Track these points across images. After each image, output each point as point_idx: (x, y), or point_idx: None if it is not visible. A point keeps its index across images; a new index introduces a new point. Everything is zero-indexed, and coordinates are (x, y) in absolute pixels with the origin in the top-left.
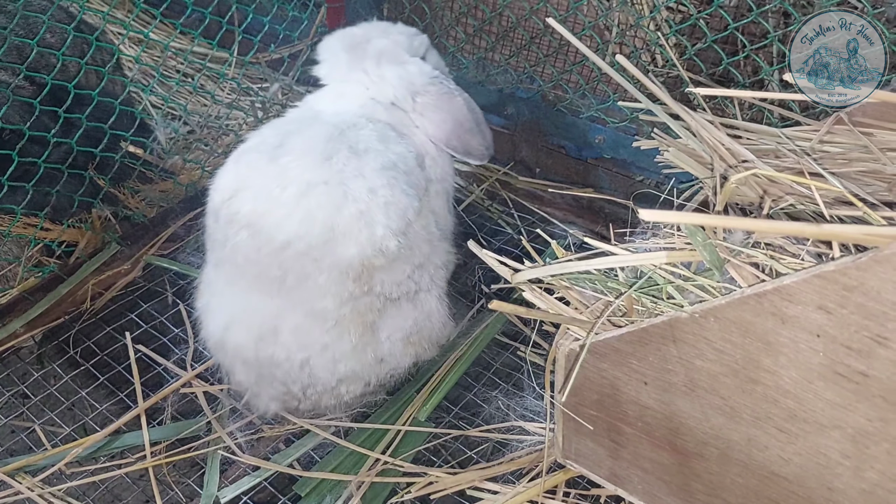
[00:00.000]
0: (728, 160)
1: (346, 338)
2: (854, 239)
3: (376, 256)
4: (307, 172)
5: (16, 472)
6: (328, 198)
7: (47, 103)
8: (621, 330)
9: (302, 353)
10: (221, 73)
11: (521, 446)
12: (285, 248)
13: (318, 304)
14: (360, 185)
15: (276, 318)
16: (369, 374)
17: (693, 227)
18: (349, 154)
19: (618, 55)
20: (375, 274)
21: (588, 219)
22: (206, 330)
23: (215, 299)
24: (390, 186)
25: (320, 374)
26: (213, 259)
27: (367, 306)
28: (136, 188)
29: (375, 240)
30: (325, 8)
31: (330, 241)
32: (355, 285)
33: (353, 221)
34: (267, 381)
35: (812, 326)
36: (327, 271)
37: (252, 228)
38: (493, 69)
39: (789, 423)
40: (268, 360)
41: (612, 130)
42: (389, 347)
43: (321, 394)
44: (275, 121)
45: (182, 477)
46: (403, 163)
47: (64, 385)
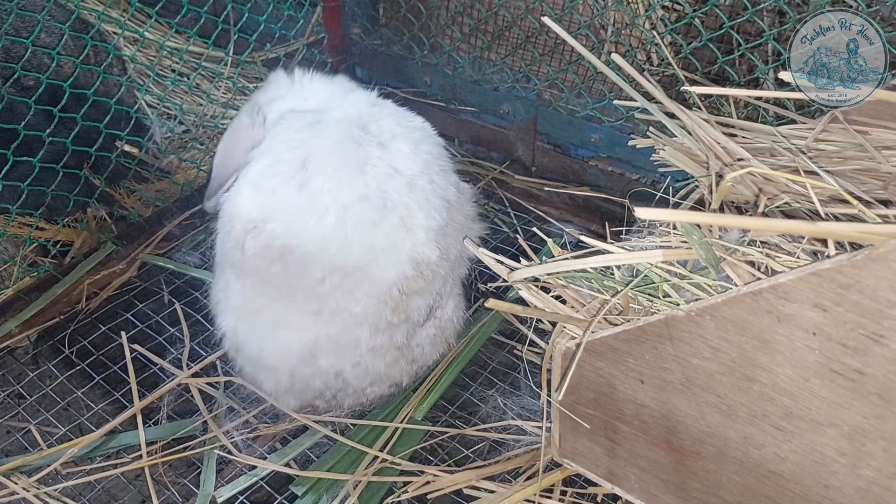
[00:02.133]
0: (724, 158)
1: (379, 361)
2: (849, 237)
3: (415, 278)
4: (343, 192)
5: (11, 472)
6: (365, 215)
7: (44, 103)
8: (618, 328)
9: (337, 368)
10: (217, 73)
11: (517, 445)
12: (322, 282)
13: (353, 334)
14: (398, 185)
15: (312, 346)
16: (400, 375)
17: (689, 226)
18: (380, 152)
19: (613, 54)
20: (412, 300)
21: (584, 217)
22: (240, 351)
23: (244, 324)
24: (427, 171)
25: (353, 382)
26: (238, 282)
27: (402, 334)
28: (132, 188)
29: (418, 249)
30: (322, 7)
31: (370, 263)
32: (393, 314)
33: (394, 231)
34: (300, 391)
35: (808, 324)
36: (363, 300)
37: (284, 262)
38: (488, 68)
39: (785, 421)
40: (305, 378)
41: (608, 129)
42: (419, 352)
43: (350, 395)
44: (279, 132)
45: (178, 476)
46: (426, 137)
47: (59, 385)
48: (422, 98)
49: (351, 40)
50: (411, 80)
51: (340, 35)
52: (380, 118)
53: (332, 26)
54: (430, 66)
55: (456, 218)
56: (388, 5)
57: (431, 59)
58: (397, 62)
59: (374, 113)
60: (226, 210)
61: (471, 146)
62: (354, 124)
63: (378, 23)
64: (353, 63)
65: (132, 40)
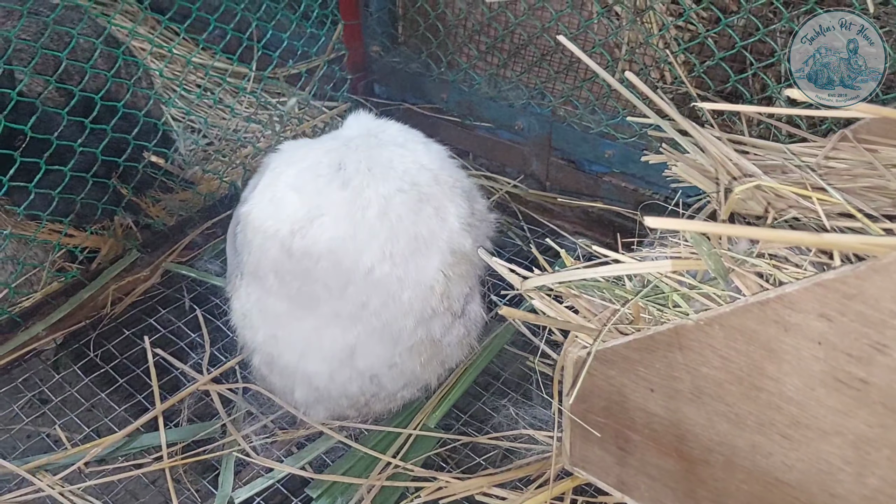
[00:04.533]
0: (734, 174)
1: (416, 359)
2: (853, 248)
3: (457, 263)
4: (381, 187)
5: (37, 469)
6: (407, 206)
7: (78, 114)
8: (628, 337)
9: (373, 371)
10: (241, 88)
11: (529, 454)
12: (371, 271)
13: (398, 325)
14: (427, 177)
15: (353, 345)
16: (431, 377)
17: (698, 237)
18: (403, 151)
19: (627, 72)
20: (453, 287)
21: (597, 232)
22: (275, 362)
23: (284, 331)
24: (443, 165)
25: (387, 385)
26: (282, 288)
27: (439, 327)
28: (157, 197)
29: (454, 238)
30: (343, 26)
31: (415, 252)
32: (439, 301)
33: (431, 221)
34: (335, 398)
35: (813, 334)
36: (412, 288)
37: (334, 256)
38: (504, 85)
39: (792, 430)
40: (342, 383)
41: (622, 145)
42: (448, 351)
43: (381, 400)
44: (306, 142)
45: (197, 478)
46: (430, 141)
47: (83, 387)
48: (438, 114)
49: (370, 57)
50: (428, 97)
51: (360, 52)
52: (385, 128)
53: (352, 44)
54: (446, 82)
55: (475, 207)
56: (407, 24)
57: (448, 76)
58: (415, 79)
59: (380, 124)
60: (261, 216)
61: (485, 161)
62: (367, 135)
63: (397, 41)
64: (373, 80)
65: (159, 56)
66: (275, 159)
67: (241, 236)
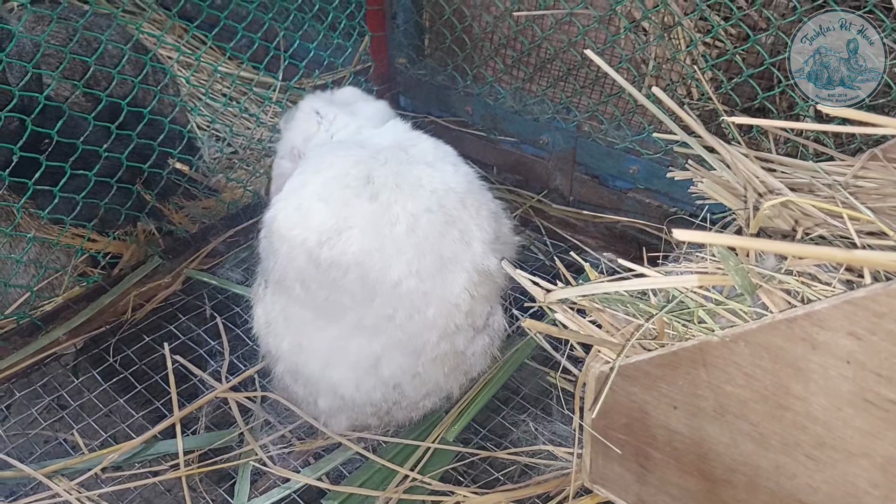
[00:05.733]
0: (761, 191)
1: (439, 369)
2: (884, 265)
3: (482, 283)
4: (409, 204)
5: (54, 474)
6: (433, 227)
7: (104, 119)
8: (651, 353)
9: (396, 379)
10: (266, 97)
11: (548, 470)
12: (398, 285)
13: (422, 338)
14: (454, 200)
15: (378, 354)
16: (454, 386)
17: (725, 252)
18: (431, 170)
19: (654, 87)
20: (477, 306)
21: (620, 248)
22: (300, 371)
23: (309, 340)
24: (471, 189)
25: (410, 393)
26: (309, 297)
27: (463, 340)
28: (181, 204)
29: (477, 260)
30: (369, 37)
31: (441, 269)
32: (463, 319)
33: (456, 244)
34: (359, 406)
35: (842, 353)
36: (436, 304)
37: (361, 268)
38: (529, 99)
39: (818, 451)
40: (366, 391)
41: (647, 161)
42: (473, 361)
43: (403, 409)
44: (331, 149)
45: (213, 486)
46: (459, 160)
47: (102, 393)
48: (463, 127)
49: (396, 69)
50: (453, 110)
51: (386, 64)
52: (417, 143)
53: (378, 56)
54: (472, 95)
55: (501, 230)
56: (433, 36)
57: (474, 90)
58: (440, 91)
59: (412, 138)
60: (288, 224)
61: (509, 175)
62: (397, 148)
63: (423, 53)
64: (398, 91)
65: (186, 64)
66: (301, 164)
67: (265, 243)
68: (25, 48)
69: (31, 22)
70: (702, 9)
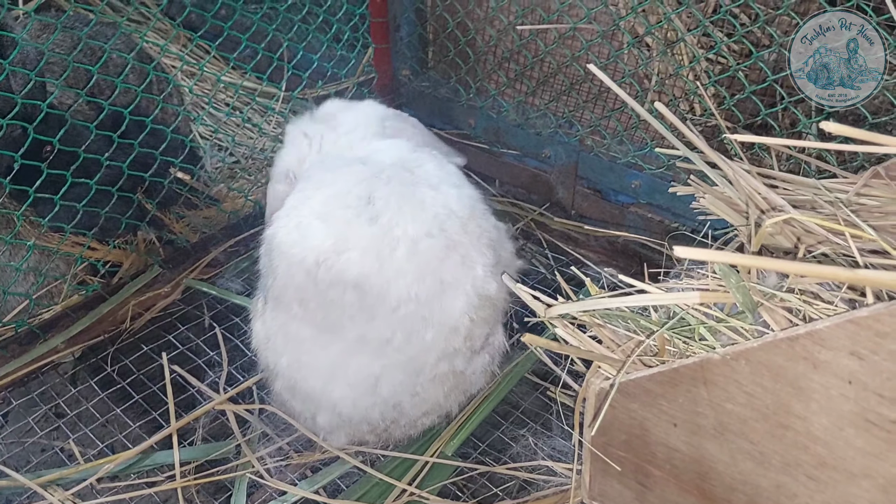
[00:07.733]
0: (763, 208)
1: (439, 388)
2: (888, 285)
3: (482, 307)
4: (410, 228)
5: (49, 484)
6: (433, 252)
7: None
8: (652, 370)
9: (396, 398)
10: (269, 107)
11: (547, 486)
12: (397, 309)
13: (421, 360)
14: (455, 225)
15: (378, 374)
16: (452, 405)
17: (726, 269)
18: (434, 193)
19: (657, 103)
20: (476, 329)
21: (622, 263)
22: (297, 386)
23: (307, 357)
24: (474, 214)
25: (409, 411)
26: (307, 315)
27: (462, 361)
28: (181, 213)
29: (478, 284)
30: (373, 49)
31: (440, 294)
32: (462, 343)
33: (457, 268)
34: (356, 424)
35: (844, 372)
36: (436, 327)
37: (360, 290)
38: (532, 113)
39: (819, 471)
40: (364, 409)
41: (649, 176)
42: (473, 379)
43: (401, 427)
44: (334, 163)
45: (209, 498)
46: (464, 182)
47: (99, 402)
48: (465, 140)
49: (399, 81)
50: (456, 122)
51: (390, 76)
52: (422, 163)
53: (382, 67)
54: (475, 108)
55: (501, 255)
56: (437, 49)
57: (477, 102)
58: (443, 104)
59: (416, 158)
60: (287, 242)
61: (511, 188)
62: (401, 167)
63: (426, 65)
64: (401, 103)
65: (189, 73)
66: (301, 180)
67: (265, 259)
68: (30, 56)
69: (36, 30)
70: (705, 25)
